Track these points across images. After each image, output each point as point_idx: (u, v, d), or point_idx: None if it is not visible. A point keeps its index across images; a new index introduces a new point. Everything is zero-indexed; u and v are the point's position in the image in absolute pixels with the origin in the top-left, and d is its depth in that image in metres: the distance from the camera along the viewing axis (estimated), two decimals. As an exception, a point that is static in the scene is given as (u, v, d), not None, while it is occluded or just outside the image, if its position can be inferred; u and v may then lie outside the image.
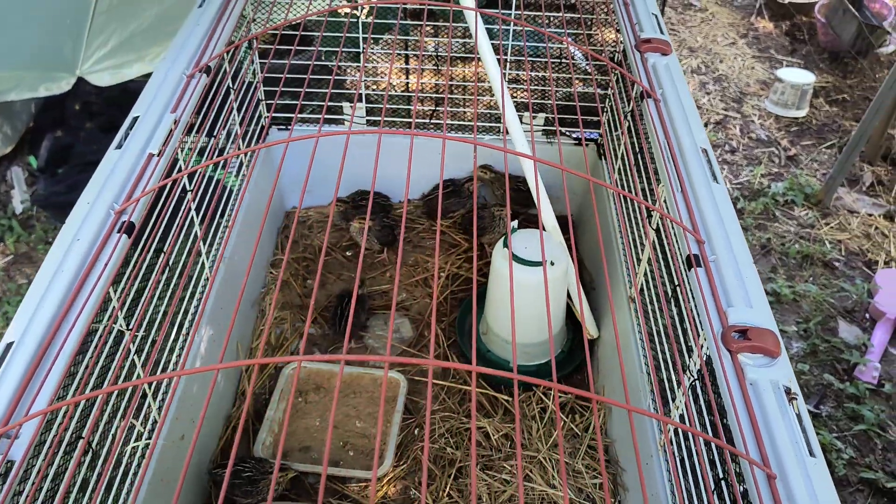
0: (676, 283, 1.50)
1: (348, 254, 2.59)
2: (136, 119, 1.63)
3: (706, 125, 4.44)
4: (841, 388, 3.03)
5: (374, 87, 2.79)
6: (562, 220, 2.42)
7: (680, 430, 1.40)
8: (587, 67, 2.58)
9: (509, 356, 2.25)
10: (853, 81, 4.77)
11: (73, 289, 1.26)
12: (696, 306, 1.36)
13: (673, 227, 1.49)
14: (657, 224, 1.76)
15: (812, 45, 5.10)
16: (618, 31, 2.21)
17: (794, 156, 4.25)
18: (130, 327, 1.48)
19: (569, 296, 2.27)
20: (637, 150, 1.95)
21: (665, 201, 1.59)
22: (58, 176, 3.77)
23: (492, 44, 2.09)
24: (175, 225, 1.69)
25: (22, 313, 1.23)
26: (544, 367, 2.24)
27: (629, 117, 2.08)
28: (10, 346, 1.18)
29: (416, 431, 2.13)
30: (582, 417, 2.14)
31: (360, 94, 2.52)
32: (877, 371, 3.08)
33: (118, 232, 1.38)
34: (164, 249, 1.64)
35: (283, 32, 2.12)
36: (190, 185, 1.80)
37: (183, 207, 1.77)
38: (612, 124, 2.34)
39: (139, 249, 1.51)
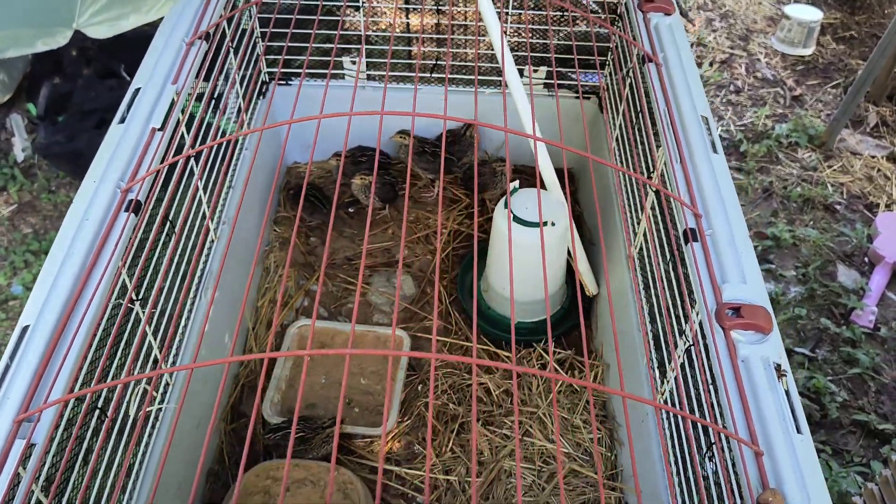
0: (669, 259, 1.53)
1: (350, 210, 2.61)
2: (137, 91, 1.62)
3: (711, 64, 4.38)
4: (837, 332, 3.09)
5: (377, 40, 2.75)
6: (559, 172, 2.42)
7: (673, 397, 1.45)
8: (592, 5, 2.51)
9: (509, 312, 2.29)
10: (861, 18, 4.68)
11: (84, 270, 1.29)
12: (691, 283, 1.39)
13: (671, 199, 1.50)
14: (652, 200, 1.77)
15: (821, -22, 4.98)
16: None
17: (799, 96, 4.21)
18: (140, 298, 1.51)
19: (569, 253, 2.30)
20: (636, 111, 1.94)
21: (664, 169, 1.61)
22: (58, 125, 3.76)
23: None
24: (176, 191, 1.70)
25: (36, 295, 1.26)
26: (543, 323, 2.28)
27: (630, 74, 2.06)
28: (25, 329, 1.22)
29: (419, 388, 2.19)
30: (580, 374, 2.20)
31: (362, 49, 2.50)
32: (873, 315, 3.13)
33: (125, 211, 1.40)
34: (171, 217, 1.66)
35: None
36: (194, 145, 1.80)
37: (179, 171, 1.78)
38: (612, 78, 2.32)
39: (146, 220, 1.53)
